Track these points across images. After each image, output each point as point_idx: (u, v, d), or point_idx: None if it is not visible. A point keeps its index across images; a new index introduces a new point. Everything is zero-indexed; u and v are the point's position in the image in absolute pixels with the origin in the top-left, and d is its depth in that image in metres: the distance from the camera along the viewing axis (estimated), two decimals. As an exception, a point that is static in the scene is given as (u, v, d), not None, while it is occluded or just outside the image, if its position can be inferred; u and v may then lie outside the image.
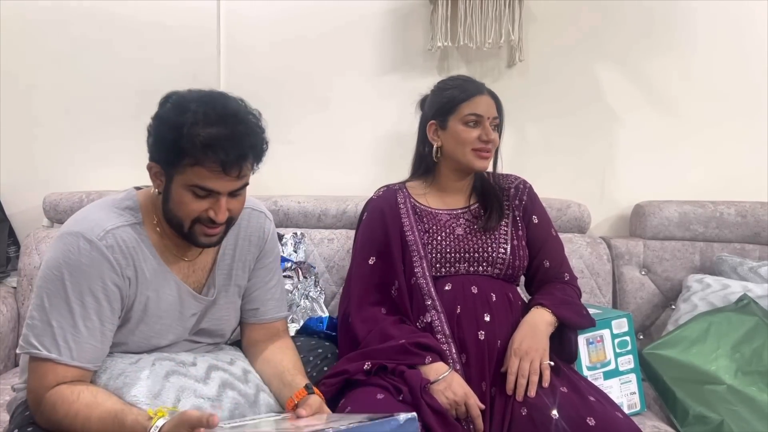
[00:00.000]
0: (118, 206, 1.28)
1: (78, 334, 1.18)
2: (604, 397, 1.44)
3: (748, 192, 2.24)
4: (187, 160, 1.15)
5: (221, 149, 1.14)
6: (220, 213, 1.21)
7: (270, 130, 2.34)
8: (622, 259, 2.16)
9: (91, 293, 1.19)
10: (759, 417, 1.65)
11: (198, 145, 1.14)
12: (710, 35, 2.26)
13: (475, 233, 1.62)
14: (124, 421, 1.12)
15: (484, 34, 2.15)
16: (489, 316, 1.52)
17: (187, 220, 1.22)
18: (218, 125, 1.15)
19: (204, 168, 1.16)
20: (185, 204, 1.20)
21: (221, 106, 1.18)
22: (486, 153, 1.61)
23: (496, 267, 1.59)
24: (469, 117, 1.60)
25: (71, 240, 1.20)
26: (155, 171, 1.23)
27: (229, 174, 1.17)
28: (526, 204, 1.68)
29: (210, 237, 1.25)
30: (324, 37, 2.24)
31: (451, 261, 1.58)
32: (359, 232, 1.70)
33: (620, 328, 1.71)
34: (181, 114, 1.15)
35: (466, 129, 1.61)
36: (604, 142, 2.32)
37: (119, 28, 2.19)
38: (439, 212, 1.66)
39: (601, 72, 2.29)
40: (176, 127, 1.15)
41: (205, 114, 1.15)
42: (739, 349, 1.79)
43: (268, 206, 2.05)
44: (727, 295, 1.94)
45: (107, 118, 2.21)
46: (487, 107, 1.62)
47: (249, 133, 1.19)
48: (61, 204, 2.06)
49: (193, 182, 1.17)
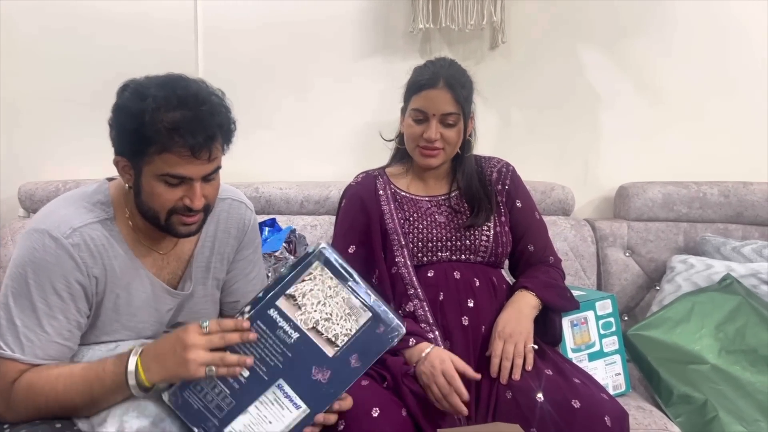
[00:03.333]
0: (89, 201, 1.24)
1: (43, 333, 1.16)
2: (589, 378, 1.44)
3: (730, 172, 2.25)
4: (154, 148, 1.12)
5: (187, 132, 1.11)
6: (196, 199, 1.17)
7: (249, 116, 2.31)
8: (607, 240, 2.16)
9: (56, 292, 1.16)
10: (742, 395, 1.66)
11: (162, 130, 1.10)
12: (693, 18, 2.25)
13: (457, 222, 1.58)
14: (105, 364, 1.13)
15: (466, 15, 2.13)
16: (472, 302, 1.50)
17: (163, 212, 1.18)
18: (181, 108, 1.11)
19: (172, 154, 1.12)
20: (158, 195, 1.16)
21: (182, 89, 1.14)
22: (428, 152, 1.54)
23: (479, 255, 1.57)
24: (415, 112, 1.54)
25: (37, 237, 1.17)
26: (122, 165, 1.19)
27: (199, 157, 1.13)
28: (509, 188, 1.64)
29: (189, 226, 1.21)
30: (303, 20, 2.20)
31: (432, 250, 1.55)
32: (338, 220, 1.66)
33: (604, 310, 1.71)
34: (140, 101, 1.11)
35: (412, 124, 1.55)
36: (587, 124, 2.31)
37: (94, 14, 2.13)
38: (419, 199, 1.62)
39: (585, 54, 2.27)
40: (137, 114, 1.11)
41: (165, 98, 1.11)
42: (722, 329, 1.80)
43: (249, 193, 2.04)
44: (711, 275, 1.95)
45: (82, 106, 2.16)
46: (435, 103, 1.52)
47: (214, 112, 1.15)
48: (37, 193, 2.02)
49: (164, 171, 1.14)
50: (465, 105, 1.55)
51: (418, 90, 1.55)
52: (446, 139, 1.54)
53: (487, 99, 2.27)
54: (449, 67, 1.58)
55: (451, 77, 1.54)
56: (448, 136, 1.54)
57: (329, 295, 1.13)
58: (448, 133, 1.54)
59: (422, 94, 1.54)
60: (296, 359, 1.12)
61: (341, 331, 1.13)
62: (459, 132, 1.56)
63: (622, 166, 2.31)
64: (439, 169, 1.63)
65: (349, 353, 1.13)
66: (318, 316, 1.12)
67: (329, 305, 1.13)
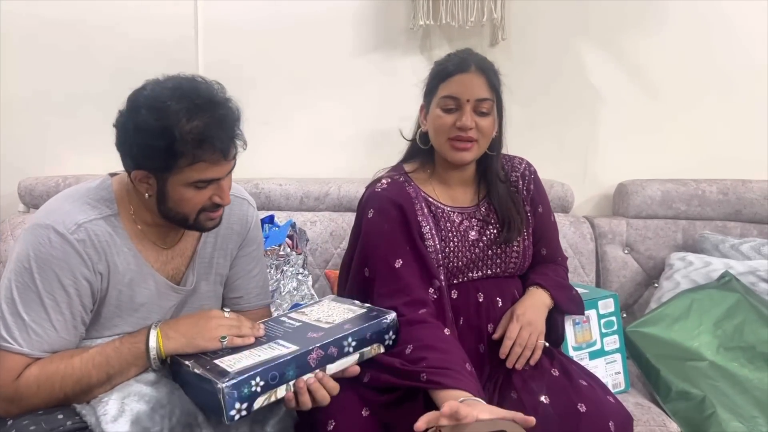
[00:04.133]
0: (92, 197, 1.24)
1: (51, 328, 1.16)
2: (596, 381, 1.41)
3: (729, 170, 2.25)
4: (184, 161, 1.14)
5: (216, 139, 1.14)
6: (226, 196, 1.23)
7: (249, 112, 2.30)
8: (606, 238, 2.17)
9: (62, 287, 1.17)
10: (740, 392, 1.67)
11: (192, 142, 1.12)
12: (693, 15, 2.25)
13: (488, 237, 1.47)
14: (123, 338, 1.20)
15: (466, 12, 2.13)
16: (492, 327, 1.44)
17: (193, 213, 1.22)
18: (201, 115, 1.13)
19: (204, 162, 1.15)
20: (188, 200, 1.20)
21: (195, 95, 1.15)
22: (461, 144, 1.40)
23: (508, 271, 1.49)
24: (446, 100, 1.40)
25: (42, 232, 1.17)
26: (141, 177, 1.19)
27: (228, 159, 1.19)
28: (533, 195, 1.55)
29: (215, 220, 1.27)
30: (303, 16, 2.20)
31: (464, 271, 1.45)
32: (371, 232, 1.43)
33: (606, 309, 1.71)
34: (162, 118, 1.11)
35: (441, 114, 1.41)
36: (587, 121, 2.31)
37: (93, 8, 2.13)
38: (451, 211, 1.48)
39: (585, 51, 2.28)
40: (164, 132, 1.11)
41: (187, 110, 1.12)
42: (721, 326, 1.80)
43: (250, 189, 2.04)
44: (709, 272, 1.96)
45: (82, 101, 2.16)
46: (468, 87, 1.39)
47: (228, 112, 1.18)
48: (36, 189, 2.02)
49: (195, 178, 1.17)
50: (499, 94, 1.44)
51: (447, 76, 1.41)
52: (481, 130, 1.40)
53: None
54: (477, 54, 1.47)
55: (482, 62, 1.43)
56: (482, 125, 1.40)
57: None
58: (482, 122, 1.40)
59: (454, 79, 1.40)
60: (296, 331, 1.27)
61: (337, 319, 1.31)
62: (493, 123, 1.42)
63: (621, 164, 2.32)
64: (466, 172, 1.50)
65: (342, 325, 1.27)
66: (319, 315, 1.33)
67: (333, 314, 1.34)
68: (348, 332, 1.23)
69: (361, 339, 1.24)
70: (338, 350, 1.21)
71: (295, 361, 1.15)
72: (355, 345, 1.23)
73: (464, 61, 1.42)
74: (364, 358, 1.26)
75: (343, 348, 1.22)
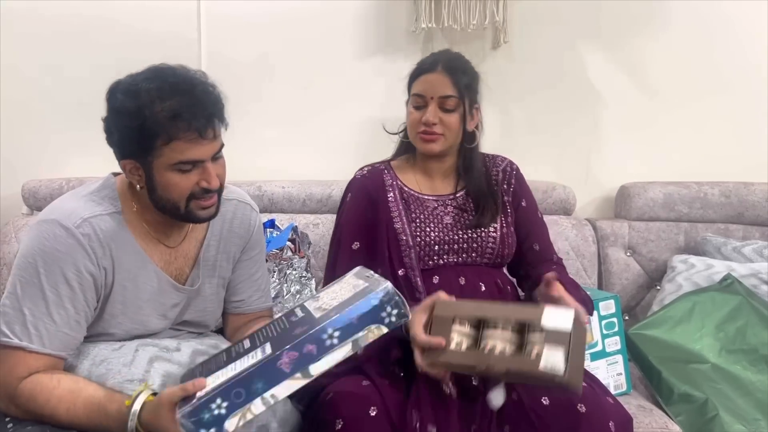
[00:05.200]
0: (97, 195, 1.25)
1: (51, 322, 1.16)
2: (595, 381, 1.42)
3: (731, 172, 2.25)
4: (160, 140, 1.14)
5: (190, 115, 1.13)
6: (212, 179, 1.20)
7: (252, 114, 2.32)
8: (608, 240, 2.17)
9: (66, 281, 1.17)
10: (742, 395, 1.67)
11: (165, 120, 1.12)
12: (696, 17, 2.26)
13: (464, 222, 1.56)
14: (108, 410, 1.10)
15: (468, 15, 2.13)
16: None
17: (182, 200, 1.20)
18: (176, 95, 1.14)
19: (180, 141, 1.14)
20: (174, 185, 1.18)
21: (171, 77, 1.16)
22: (427, 136, 1.52)
23: (485, 257, 1.55)
24: (415, 98, 1.55)
25: (47, 227, 1.18)
26: (130, 167, 1.20)
27: (205, 137, 1.16)
28: (515, 188, 1.62)
29: (208, 209, 1.24)
30: (306, 18, 2.20)
31: (439, 253, 1.52)
32: (342, 212, 1.60)
33: (608, 310, 1.72)
34: (135, 98, 1.13)
35: (412, 110, 1.55)
36: (589, 124, 2.31)
37: (95, 9, 2.13)
38: (426, 198, 1.59)
39: (586, 54, 2.28)
40: (136, 112, 1.13)
41: (159, 89, 1.14)
42: (723, 329, 1.81)
43: (252, 191, 2.05)
44: (712, 275, 1.96)
45: (85, 102, 2.15)
46: (433, 86, 1.52)
47: (206, 92, 1.18)
48: (40, 191, 2.03)
49: (175, 160, 1.16)
50: (465, 92, 1.53)
51: (417, 75, 1.56)
52: (446, 125, 1.52)
53: (489, 98, 2.27)
54: (450, 55, 1.60)
55: (450, 62, 1.55)
56: (447, 121, 1.52)
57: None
58: (447, 119, 1.52)
59: (422, 78, 1.54)
60: (290, 329, 1.10)
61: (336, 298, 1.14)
62: (459, 119, 1.53)
63: (623, 166, 2.32)
64: (445, 164, 1.60)
65: (329, 313, 1.09)
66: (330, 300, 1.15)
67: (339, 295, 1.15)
68: (325, 323, 1.05)
69: (347, 326, 1.06)
70: (318, 347, 1.04)
71: (260, 372, 1.01)
72: (340, 335, 1.05)
73: (434, 61, 1.56)
74: (360, 345, 1.07)
75: (324, 342, 1.04)
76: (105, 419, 1.11)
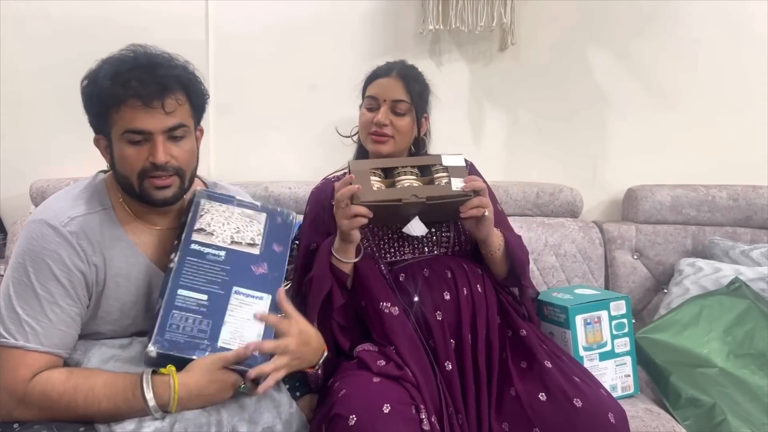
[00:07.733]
0: (85, 193, 1.27)
1: (46, 320, 1.17)
2: (587, 374, 1.44)
3: (739, 175, 2.25)
4: (113, 107, 1.17)
5: (135, 80, 1.15)
6: (159, 154, 1.18)
7: (259, 116, 2.31)
8: (615, 243, 2.16)
9: (56, 279, 1.18)
10: (750, 399, 1.66)
11: (112, 85, 1.15)
12: (703, 21, 2.25)
13: None
14: (134, 379, 1.13)
15: (476, 17, 2.13)
16: (449, 294, 1.47)
17: (134, 176, 1.21)
18: (130, 66, 1.17)
19: (126, 106, 1.16)
20: (125, 157, 1.20)
21: (134, 52, 1.20)
22: (378, 137, 1.58)
23: (442, 246, 1.56)
24: (369, 100, 1.62)
25: (35, 227, 1.20)
26: (102, 144, 1.25)
27: (151, 106, 1.17)
28: None
29: (162, 190, 1.23)
30: (314, 20, 2.21)
31: (396, 248, 1.55)
32: (303, 224, 1.65)
33: (618, 310, 1.71)
34: (96, 70, 1.19)
35: (365, 112, 1.62)
36: (596, 126, 2.31)
37: (103, 12, 2.14)
38: None
39: (594, 56, 2.28)
40: (94, 81, 1.18)
41: (119, 60, 1.18)
42: (731, 332, 1.80)
43: (259, 192, 2.05)
44: (719, 278, 1.95)
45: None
46: (386, 89, 1.60)
47: (164, 64, 1.20)
48: (48, 190, 2.03)
49: (124, 128, 1.18)
50: (417, 99, 1.61)
51: (372, 79, 1.64)
52: (396, 127, 1.58)
53: (497, 100, 2.27)
54: (405, 64, 1.67)
55: (404, 70, 1.63)
56: (398, 124, 1.58)
57: (227, 216, 1.32)
58: (398, 122, 1.58)
59: (375, 83, 1.62)
60: (235, 268, 1.27)
61: (253, 234, 1.32)
62: (410, 123, 1.60)
63: (630, 169, 2.31)
64: None
65: (269, 245, 1.33)
66: (230, 233, 1.30)
67: (232, 222, 1.32)
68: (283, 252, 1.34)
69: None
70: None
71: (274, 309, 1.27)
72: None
73: (389, 68, 1.64)
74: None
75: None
76: (131, 387, 1.12)
